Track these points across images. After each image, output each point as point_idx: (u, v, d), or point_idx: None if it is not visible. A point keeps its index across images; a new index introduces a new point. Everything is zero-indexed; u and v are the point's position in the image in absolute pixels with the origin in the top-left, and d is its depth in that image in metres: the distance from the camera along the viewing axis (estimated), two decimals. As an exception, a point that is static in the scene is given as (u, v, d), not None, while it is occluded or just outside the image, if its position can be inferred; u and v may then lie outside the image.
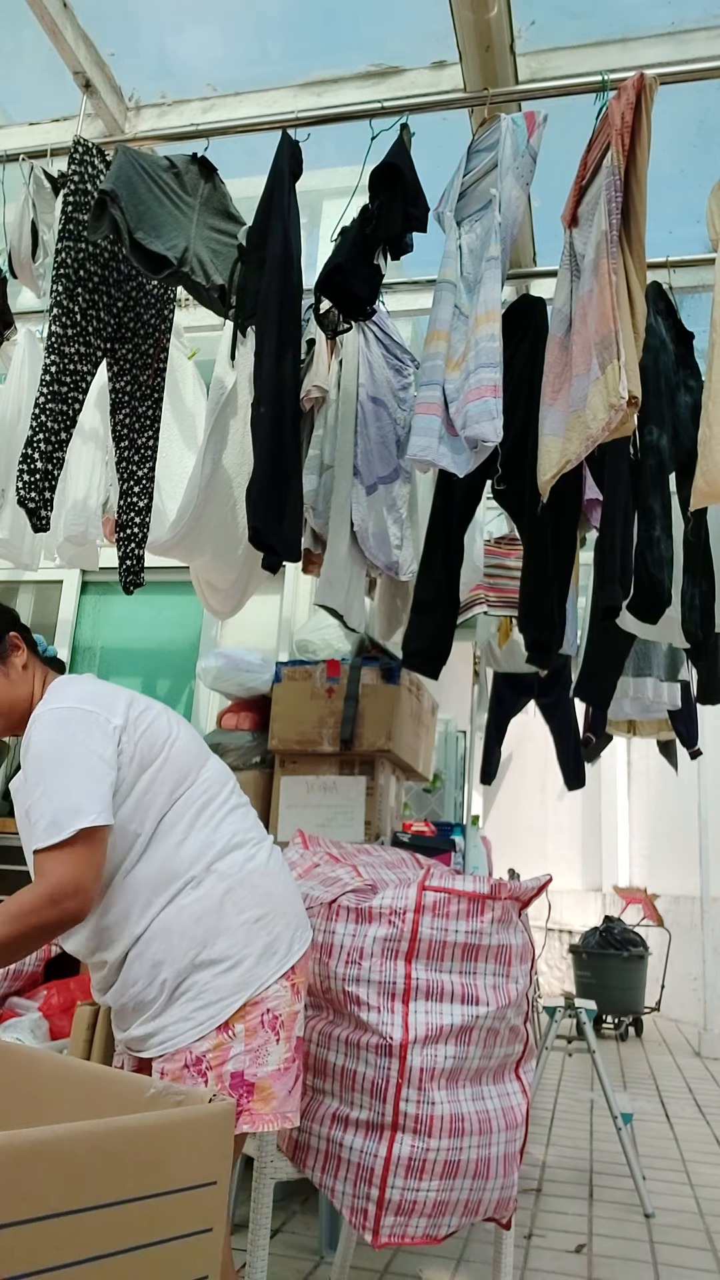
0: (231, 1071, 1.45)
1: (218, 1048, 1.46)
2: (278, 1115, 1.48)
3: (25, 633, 1.70)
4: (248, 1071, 1.46)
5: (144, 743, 1.56)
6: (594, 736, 4.57)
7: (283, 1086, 1.49)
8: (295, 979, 1.56)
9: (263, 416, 2.38)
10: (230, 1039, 1.47)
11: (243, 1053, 1.46)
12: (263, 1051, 1.48)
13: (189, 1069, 1.46)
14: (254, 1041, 1.48)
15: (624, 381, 1.86)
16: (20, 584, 5.26)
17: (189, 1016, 1.48)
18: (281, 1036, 1.50)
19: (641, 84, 2.03)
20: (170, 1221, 0.97)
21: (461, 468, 2.27)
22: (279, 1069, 1.49)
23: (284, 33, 2.82)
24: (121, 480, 2.81)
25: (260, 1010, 1.49)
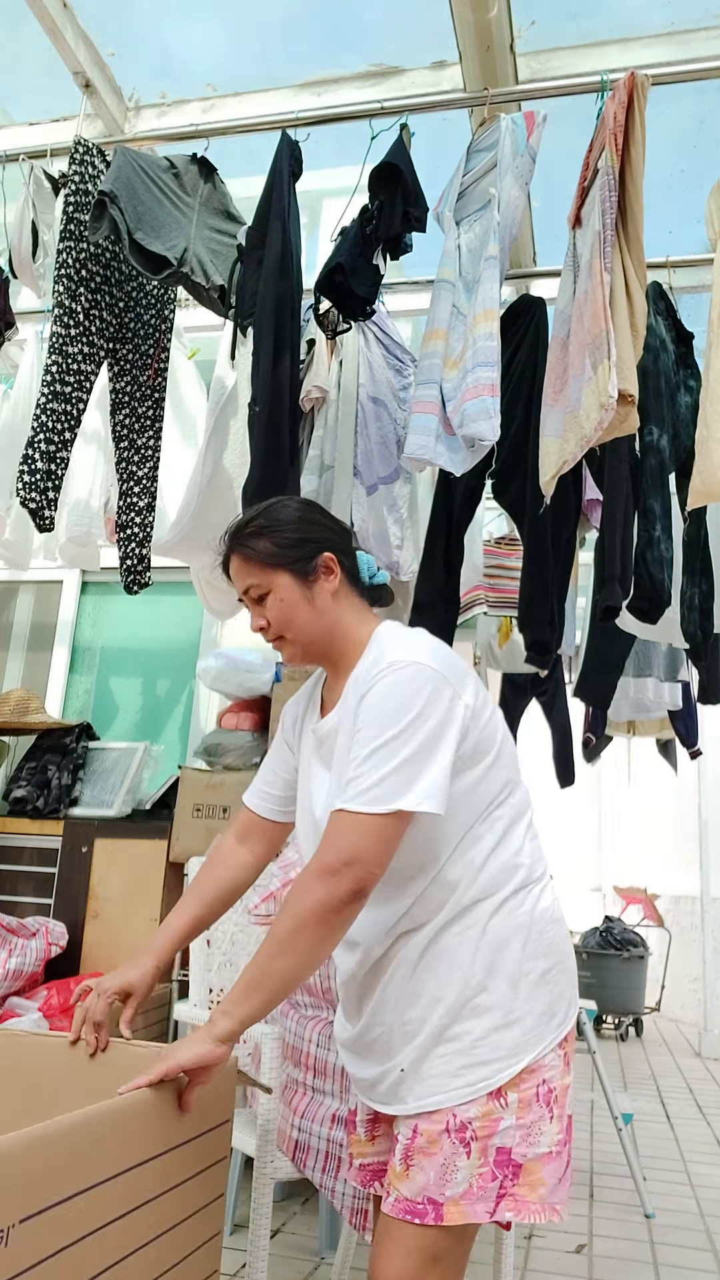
0: (499, 1146, 1.24)
1: (486, 1116, 1.24)
2: (545, 1207, 1.25)
3: (347, 558, 1.47)
4: (516, 1150, 1.24)
5: (486, 733, 1.34)
6: (594, 737, 4.57)
7: (553, 1173, 1.26)
8: (568, 1048, 1.33)
9: (258, 416, 2.38)
10: (501, 1109, 1.25)
11: (513, 1127, 1.24)
12: (535, 1129, 1.25)
13: (450, 1135, 1.24)
14: (526, 1116, 1.25)
15: (613, 380, 1.86)
16: (20, 584, 5.26)
17: (458, 1072, 1.26)
18: (555, 1114, 1.28)
19: (633, 83, 2.03)
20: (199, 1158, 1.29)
21: (458, 466, 2.27)
22: (551, 1152, 1.26)
23: (284, 33, 2.82)
24: (121, 481, 2.81)
25: (536, 1080, 1.27)
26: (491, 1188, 1.23)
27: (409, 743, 1.24)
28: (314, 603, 1.41)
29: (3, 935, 3.23)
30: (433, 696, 1.27)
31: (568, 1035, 1.32)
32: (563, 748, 4.86)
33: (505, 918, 1.30)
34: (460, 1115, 1.24)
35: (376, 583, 1.53)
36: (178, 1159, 1.25)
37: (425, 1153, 1.24)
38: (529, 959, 1.29)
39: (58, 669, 5.04)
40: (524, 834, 1.36)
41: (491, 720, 1.36)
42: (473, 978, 1.27)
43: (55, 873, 3.64)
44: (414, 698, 1.26)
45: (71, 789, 3.81)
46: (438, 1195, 1.22)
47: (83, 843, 3.62)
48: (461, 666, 1.36)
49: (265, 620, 1.42)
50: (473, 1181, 1.22)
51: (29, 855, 3.71)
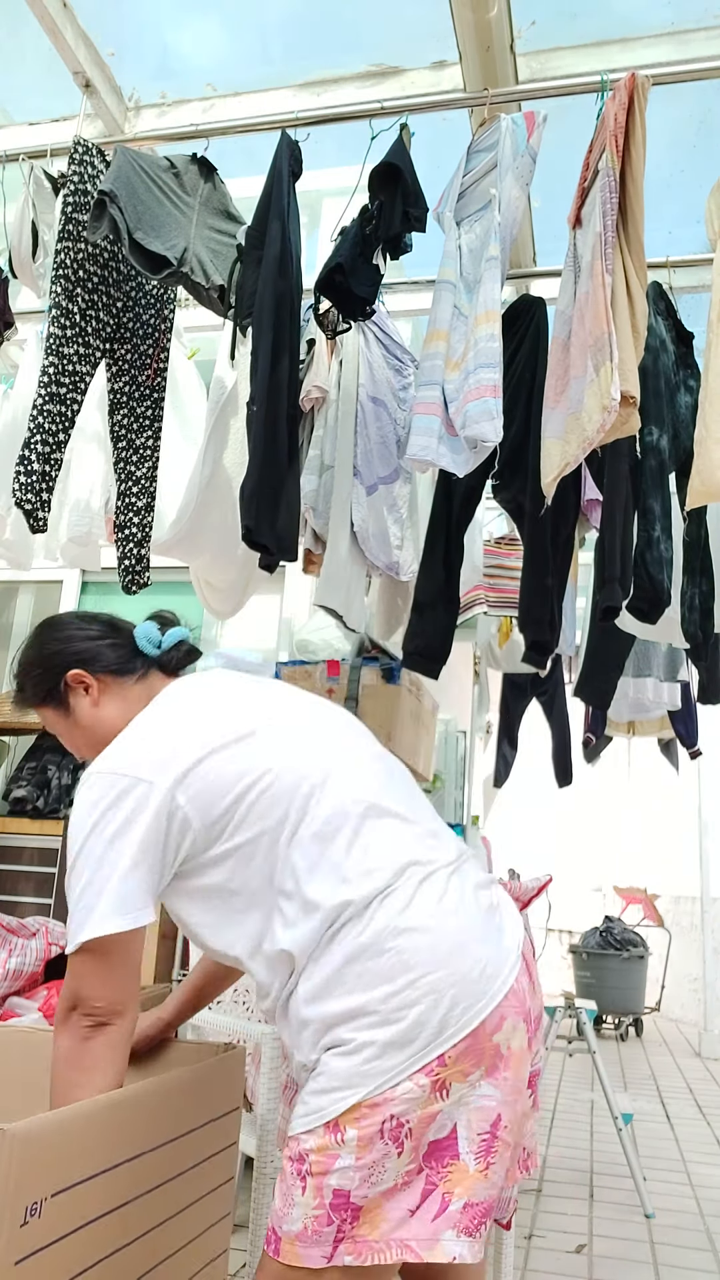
0: (335, 1188, 1.11)
1: (322, 1151, 1.13)
2: (392, 1243, 1.11)
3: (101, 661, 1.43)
4: (355, 1193, 1.11)
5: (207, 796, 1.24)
6: (594, 737, 4.57)
7: (398, 1206, 1.12)
8: (449, 1071, 1.14)
9: (256, 415, 2.38)
10: (338, 1145, 1.12)
11: (351, 1168, 1.11)
12: (378, 1169, 1.11)
13: (293, 1163, 1.15)
14: (367, 1155, 1.11)
15: (615, 382, 1.86)
16: (20, 584, 5.26)
17: (306, 1099, 1.17)
18: (406, 1148, 1.12)
19: (633, 84, 2.03)
20: (211, 1143, 1.37)
21: (461, 468, 2.27)
22: (395, 1185, 1.12)
23: (284, 33, 2.82)
24: (119, 481, 2.81)
25: (381, 1115, 1.12)
26: (327, 1232, 1.10)
27: (86, 867, 1.20)
28: (80, 723, 1.43)
29: (3, 935, 3.23)
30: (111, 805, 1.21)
31: (443, 1059, 1.14)
32: (562, 748, 4.87)
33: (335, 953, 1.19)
34: (302, 1144, 1.14)
35: (166, 647, 1.48)
36: (191, 1143, 1.32)
37: (281, 1177, 1.17)
38: (367, 988, 1.16)
39: (58, 669, 5.03)
40: (342, 854, 1.22)
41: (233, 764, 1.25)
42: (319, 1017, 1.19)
43: (55, 873, 3.64)
44: (89, 814, 1.22)
45: (71, 789, 3.81)
46: (278, 1227, 1.13)
47: (83, 843, 3.62)
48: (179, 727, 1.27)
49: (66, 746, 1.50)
50: (307, 1223, 1.11)
51: (29, 855, 3.71)
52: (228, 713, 1.31)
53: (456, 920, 1.21)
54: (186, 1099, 1.32)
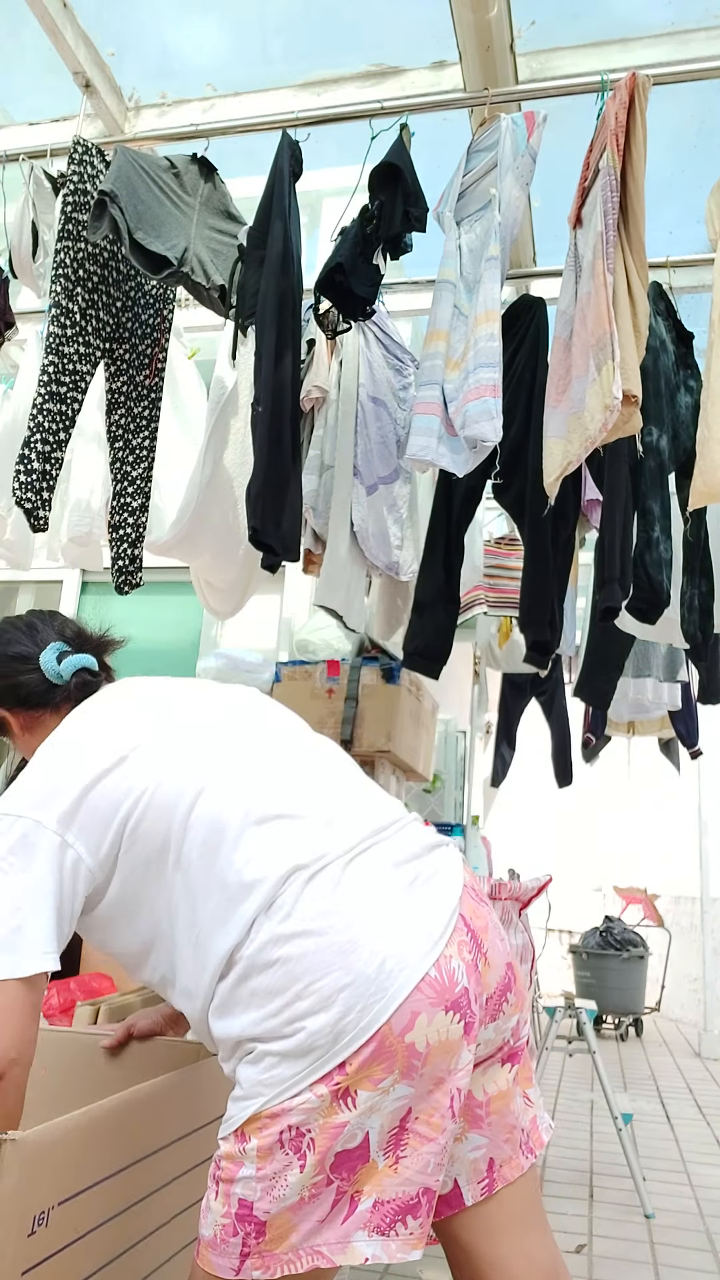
0: (239, 1197, 1.08)
1: (230, 1158, 1.10)
2: (304, 1252, 1.07)
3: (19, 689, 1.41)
4: (258, 1205, 1.07)
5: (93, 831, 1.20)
6: (594, 737, 4.58)
7: (308, 1217, 1.08)
8: (351, 1078, 1.08)
9: (260, 416, 2.38)
10: (242, 1154, 1.09)
11: (253, 1178, 1.08)
12: (280, 1180, 1.08)
13: (210, 1165, 1.14)
14: (268, 1166, 1.08)
15: (617, 382, 1.86)
16: (20, 584, 5.26)
17: (228, 1106, 1.16)
18: (309, 1161, 1.07)
19: (634, 84, 2.03)
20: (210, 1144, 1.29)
21: (461, 468, 2.27)
22: (302, 1198, 1.08)
23: (284, 33, 2.82)
24: (115, 481, 2.82)
25: (280, 1125, 1.08)
26: (233, 1244, 1.08)
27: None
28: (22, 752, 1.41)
29: (3, 935, 3.23)
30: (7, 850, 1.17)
31: (343, 1066, 1.08)
32: (562, 748, 4.87)
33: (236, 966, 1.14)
34: (219, 1150, 1.12)
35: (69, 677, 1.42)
36: (194, 1143, 1.33)
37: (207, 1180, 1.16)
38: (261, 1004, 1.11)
39: (57, 669, 5.03)
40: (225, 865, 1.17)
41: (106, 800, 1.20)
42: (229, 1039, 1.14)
43: (55, 873, 3.64)
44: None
45: (71, 789, 3.81)
46: (200, 1230, 1.12)
47: (83, 843, 3.61)
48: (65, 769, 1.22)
49: None
50: (216, 1230, 1.09)
51: (29, 855, 3.71)
52: (108, 735, 1.26)
53: (346, 916, 1.13)
54: (186, 1101, 1.32)
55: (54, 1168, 1.00)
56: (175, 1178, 1.27)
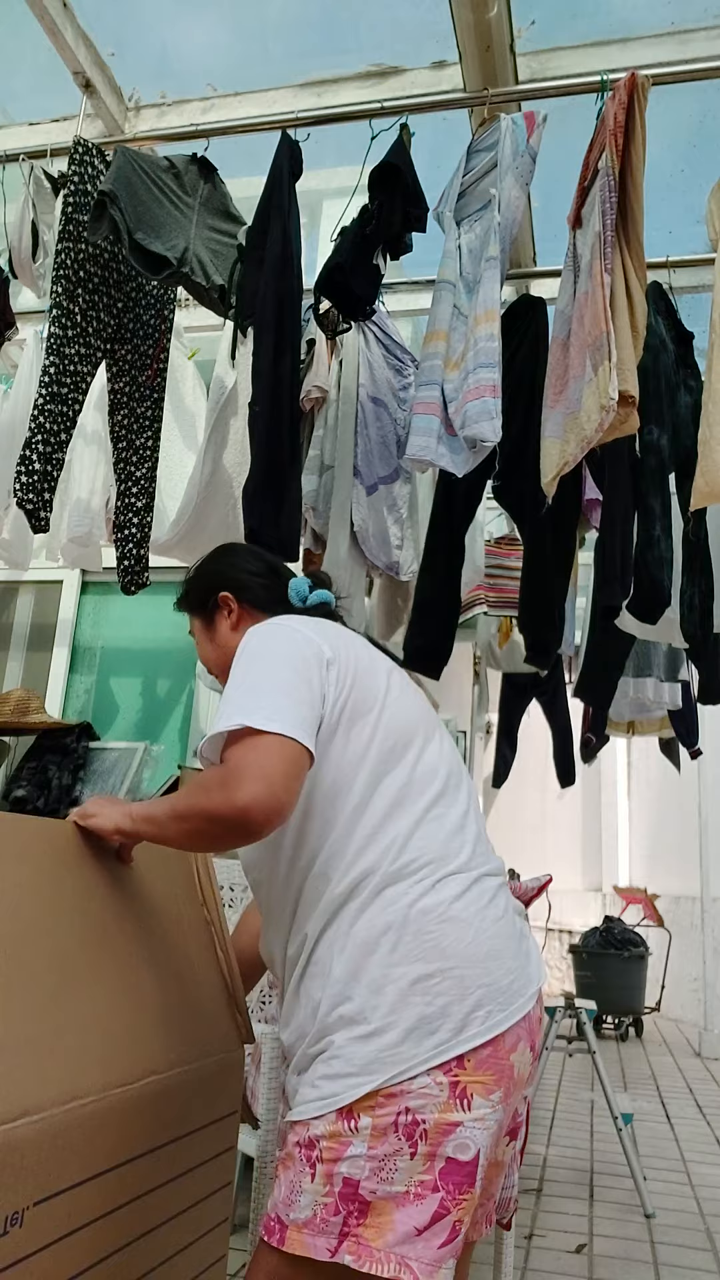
0: (345, 1175, 1.08)
1: (334, 1137, 1.10)
2: (394, 1258, 1.06)
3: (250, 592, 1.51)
4: (364, 1184, 1.08)
5: (357, 691, 1.25)
6: (594, 737, 4.57)
7: (408, 1220, 1.07)
8: (467, 1077, 1.11)
9: (259, 415, 2.38)
10: (350, 1133, 1.09)
11: (363, 1157, 1.08)
12: (389, 1164, 1.08)
13: (301, 1149, 1.12)
14: (380, 1146, 1.08)
15: (614, 382, 1.86)
16: (20, 584, 5.26)
17: (316, 1083, 1.14)
18: (420, 1151, 1.08)
19: (633, 84, 2.03)
20: (207, 1147, 1.33)
21: (460, 467, 2.27)
22: (408, 1193, 1.08)
23: (284, 33, 2.82)
24: (119, 481, 2.82)
25: (396, 1107, 1.09)
26: (334, 1222, 1.08)
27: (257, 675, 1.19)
28: (215, 639, 1.51)
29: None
30: (275, 638, 1.26)
31: (465, 1059, 1.11)
32: (563, 748, 4.87)
33: (375, 915, 1.17)
34: (312, 1130, 1.11)
35: (311, 604, 1.52)
36: (186, 1147, 1.28)
37: (283, 1164, 1.14)
38: (398, 963, 1.14)
39: (58, 669, 5.04)
40: (420, 813, 1.22)
41: (370, 674, 1.28)
42: (338, 984, 1.15)
43: (55, 873, 3.64)
44: (256, 644, 1.25)
45: (72, 789, 3.81)
46: (284, 1215, 1.11)
47: (83, 843, 3.62)
48: (335, 629, 1.34)
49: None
50: (316, 1210, 1.09)
51: (29, 855, 3.71)
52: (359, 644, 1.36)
53: (497, 928, 1.19)
54: (183, 1103, 1.30)
55: (29, 1166, 0.96)
56: (168, 1181, 1.24)
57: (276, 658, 1.22)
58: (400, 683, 1.33)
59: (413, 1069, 1.10)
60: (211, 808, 1.10)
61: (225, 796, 1.08)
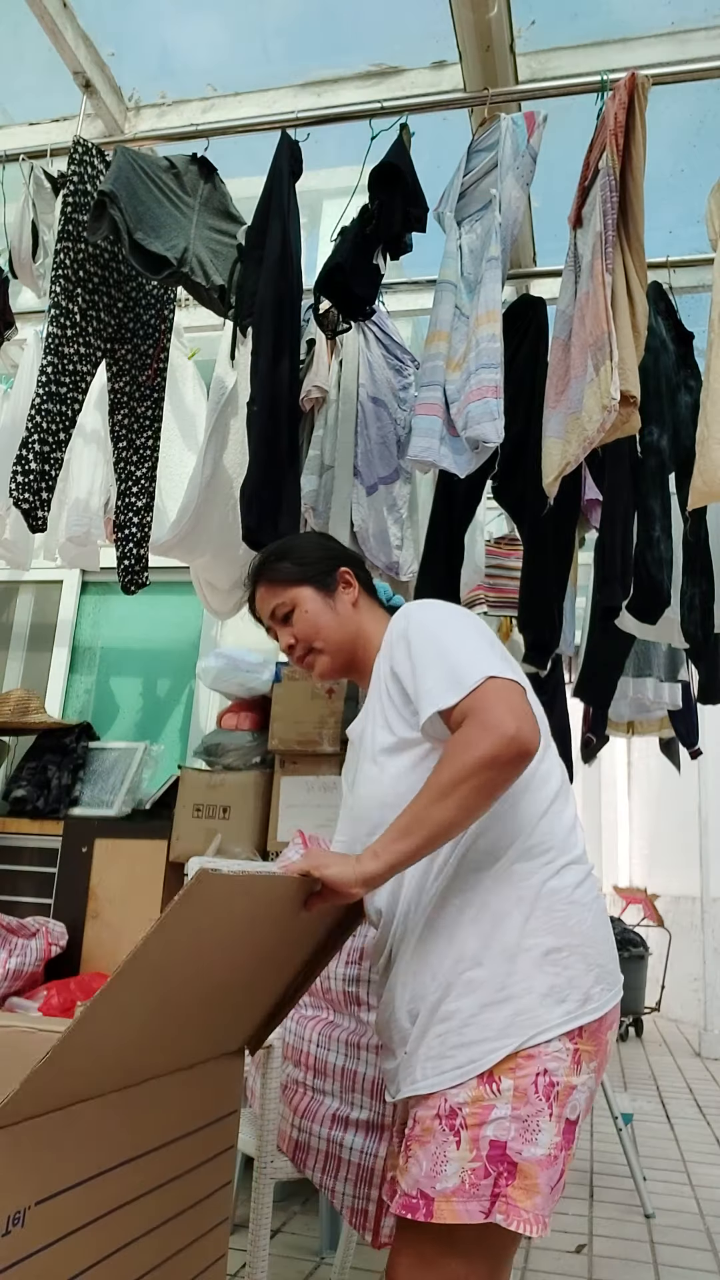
0: (491, 1139, 1.13)
1: (477, 1102, 1.14)
2: (537, 1219, 1.11)
3: (363, 574, 1.55)
4: (511, 1145, 1.12)
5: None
6: (594, 737, 4.57)
7: (548, 1181, 1.13)
8: (582, 1045, 1.19)
9: (257, 416, 2.38)
10: (493, 1095, 1.14)
11: (508, 1118, 1.13)
12: (533, 1124, 1.13)
13: (441, 1120, 1.15)
14: (523, 1108, 1.14)
15: (615, 382, 1.86)
16: (20, 584, 5.26)
17: (447, 1054, 1.17)
18: (555, 1113, 1.15)
19: (633, 84, 2.03)
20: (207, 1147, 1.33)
21: (462, 468, 2.27)
22: (549, 1155, 1.13)
23: (284, 33, 2.82)
24: (119, 481, 2.81)
25: (535, 1068, 1.15)
26: (485, 1185, 1.12)
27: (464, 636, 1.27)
28: (336, 610, 1.48)
29: (3, 935, 3.23)
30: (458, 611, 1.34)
31: (584, 1030, 1.19)
32: (562, 748, 4.86)
33: (508, 887, 1.22)
34: (450, 1100, 1.15)
35: (394, 604, 1.57)
36: (187, 1147, 1.29)
37: (420, 1141, 1.16)
38: (531, 934, 1.20)
39: (58, 669, 5.04)
40: (545, 802, 1.29)
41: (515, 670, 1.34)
42: (467, 951, 1.20)
43: (55, 873, 3.64)
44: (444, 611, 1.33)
45: (71, 789, 3.81)
46: (429, 1189, 1.13)
47: (83, 843, 3.62)
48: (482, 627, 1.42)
49: (293, 637, 1.49)
50: (464, 1176, 1.12)
51: (29, 855, 3.71)
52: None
53: (604, 918, 1.29)
54: (182, 1102, 1.30)
55: (31, 1165, 0.97)
56: (167, 1181, 1.25)
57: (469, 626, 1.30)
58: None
59: (547, 1032, 1.17)
60: (487, 754, 1.14)
61: (495, 736, 1.14)
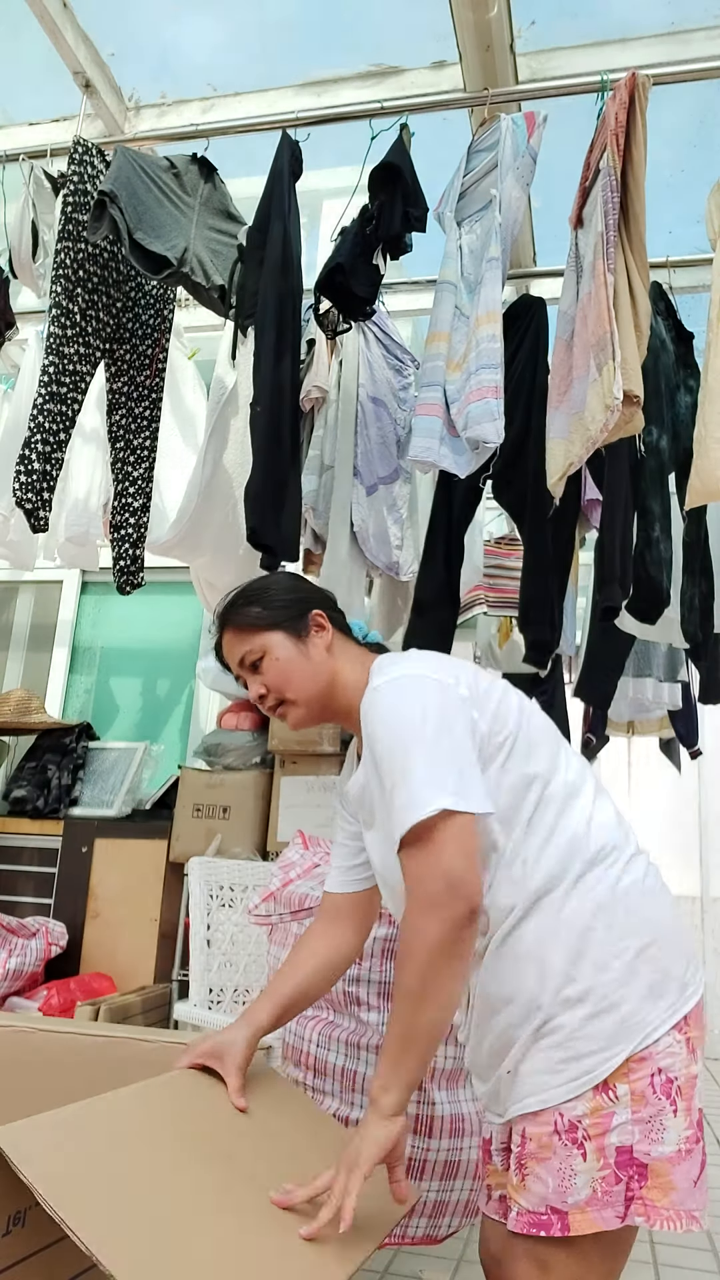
0: (617, 1145, 1.13)
1: (596, 1112, 1.14)
2: (681, 1213, 1.12)
3: (337, 615, 1.48)
4: (638, 1148, 1.13)
5: (497, 720, 1.27)
6: (594, 737, 4.57)
7: (685, 1175, 1.14)
8: (690, 1032, 1.19)
9: (259, 416, 2.38)
10: (612, 1103, 1.14)
11: (629, 1123, 1.14)
12: (656, 1124, 1.14)
13: (560, 1136, 1.15)
14: (644, 1110, 1.14)
15: (618, 382, 1.86)
16: (20, 584, 5.26)
17: (556, 1069, 1.16)
18: (680, 1107, 1.16)
19: (634, 84, 2.03)
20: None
21: (463, 469, 2.27)
22: (680, 1150, 1.14)
23: (284, 33, 2.82)
24: (116, 481, 2.82)
25: (649, 1069, 1.15)
26: (617, 1191, 1.12)
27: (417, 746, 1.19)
28: (309, 656, 1.40)
29: (3, 935, 3.23)
30: (424, 696, 1.23)
31: (688, 1017, 1.19)
32: (562, 748, 4.86)
33: (581, 899, 1.21)
34: (568, 1114, 1.15)
35: (370, 642, 1.51)
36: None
37: (537, 1158, 1.16)
38: (617, 939, 1.19)
39: (58, 669, 5.04)
40: (588, 807, 1.27)
41: (504, 702, 1.30)
42: (557, 969, 1.18)
43: (55, 873, 3.64)
44: (409, 706, 1.23)
45: (71, 789, 3.81)
46: (560, 1204, 1.13)
47: (83, 843, 3.62)
48: (452, 661, 1.34)
49: (264, 686, 1.41)
50: (595, 1186, 1.12)
51: (29, 855, 3.71)
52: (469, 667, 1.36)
53: (673, 901, 1.28)
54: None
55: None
56: None
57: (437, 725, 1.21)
58: (516, 693, 1.35)
59: (655, 1031, 1.16)
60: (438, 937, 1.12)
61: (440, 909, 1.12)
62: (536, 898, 1.21)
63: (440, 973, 1.13)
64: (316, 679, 1.40)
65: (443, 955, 1.12)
